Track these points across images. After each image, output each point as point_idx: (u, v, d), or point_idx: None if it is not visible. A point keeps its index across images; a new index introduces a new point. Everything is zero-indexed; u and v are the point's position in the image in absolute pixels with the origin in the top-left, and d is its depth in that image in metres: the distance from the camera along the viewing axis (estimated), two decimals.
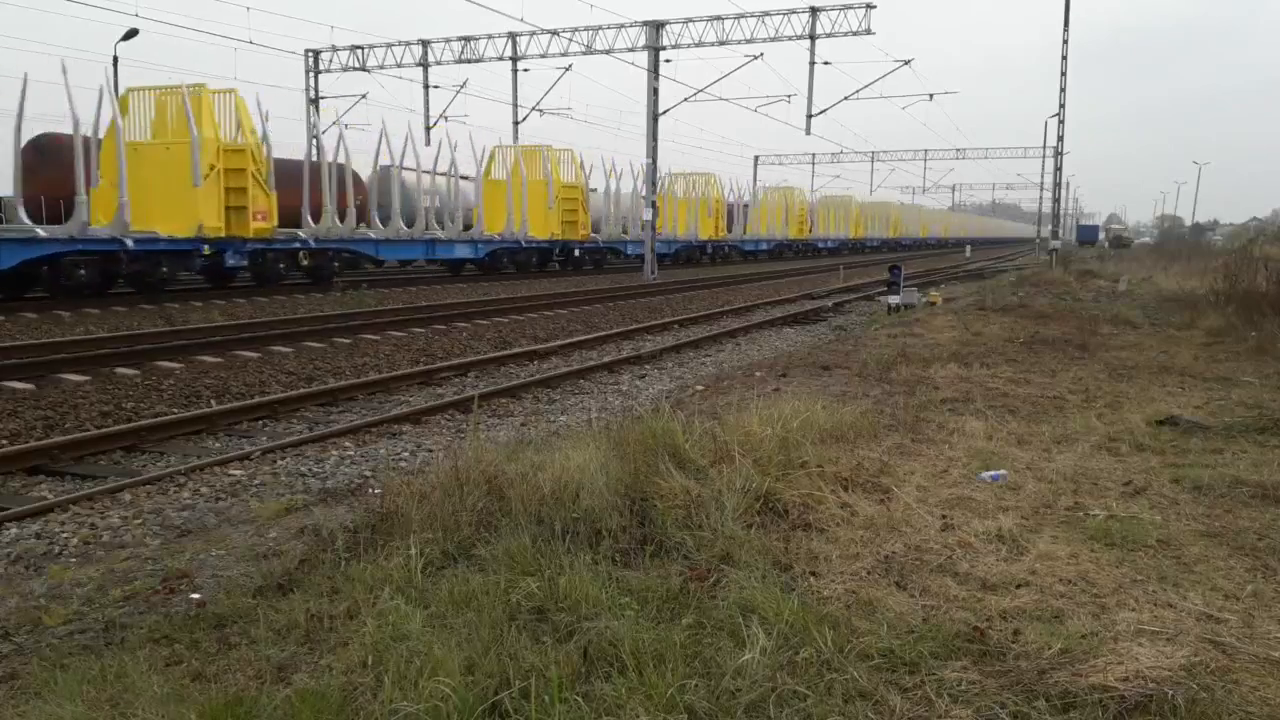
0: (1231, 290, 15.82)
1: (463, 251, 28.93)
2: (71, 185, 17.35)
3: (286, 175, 21.76)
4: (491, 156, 32.05)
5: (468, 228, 28.77)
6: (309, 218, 22.64)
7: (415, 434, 8.29)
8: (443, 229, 27.43)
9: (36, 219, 17.84)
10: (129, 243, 18.11)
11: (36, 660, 3.41)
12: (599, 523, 4.22)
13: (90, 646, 3.51)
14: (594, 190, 36.35)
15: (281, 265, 23.26)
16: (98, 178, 18.24)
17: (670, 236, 39.77)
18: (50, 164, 18.79)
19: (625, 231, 37.10)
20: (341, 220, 23.44)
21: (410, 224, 26.23)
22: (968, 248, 60.24)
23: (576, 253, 35.13)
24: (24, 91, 17.05)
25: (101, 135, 18.61)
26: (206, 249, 19.84)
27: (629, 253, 37.34)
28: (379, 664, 3.04)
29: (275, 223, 21.24)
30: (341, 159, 24.07)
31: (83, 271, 18.36)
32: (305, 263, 23.99)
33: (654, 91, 31.14)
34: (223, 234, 20.07)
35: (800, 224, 55.88)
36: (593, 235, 35.27)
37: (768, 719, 2.77)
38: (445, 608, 3.51)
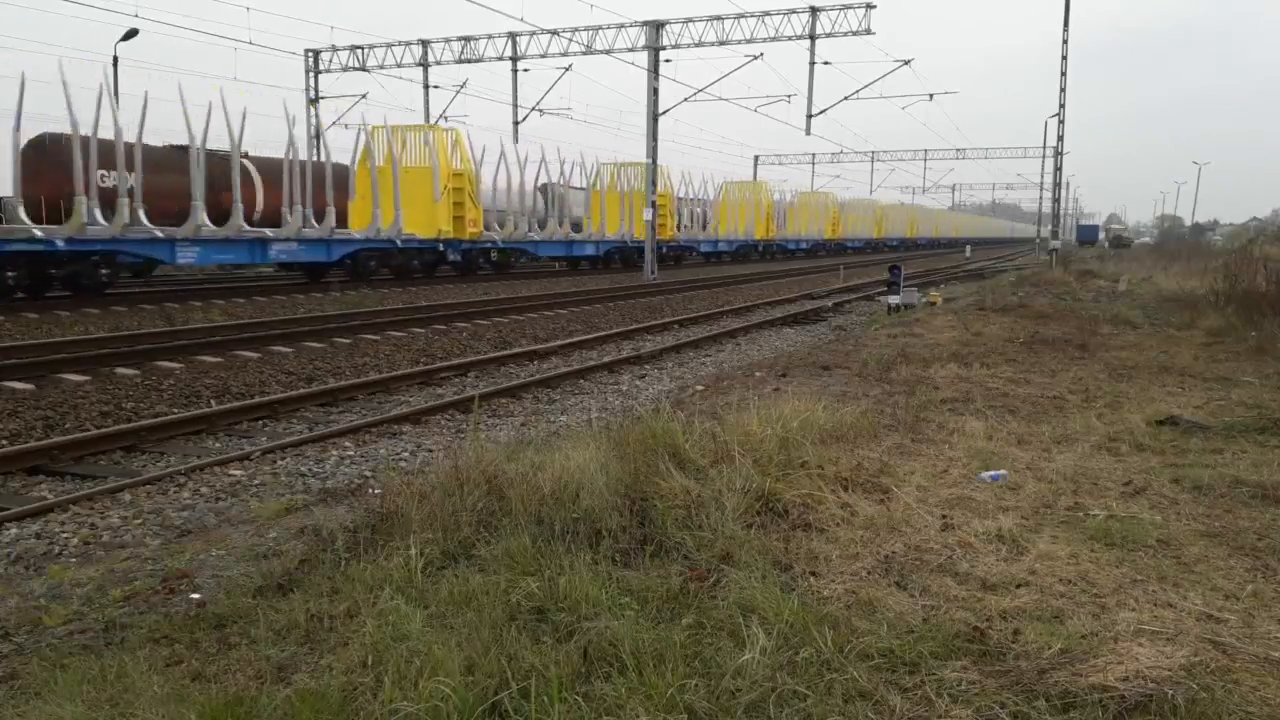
0: (1231, 290, 15.82)
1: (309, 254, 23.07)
2: (71, 186, 17.40)
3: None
4: (372, 136, 26.83)
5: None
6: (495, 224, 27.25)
7: (415, 434, 8.29)
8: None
9: (36, 219, 17.84)
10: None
11: (36, 660, 3.41)
12: (599, 523, 4.22)
13: (90, 646, 3.51)
14: (579, 189, 33.56)
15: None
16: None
17: (598, 236, 34.76)
18: (51, 165, 18.80)
19: (534, 230, 31.48)
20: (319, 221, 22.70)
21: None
22: (968, 248, 60.15)
23: (450, 256, 28.78)
24: (22, 91, 17.03)
25: (99, 135, 18.64)
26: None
27: (541, 254, 32.78)
28: (379, 664, 3.04)
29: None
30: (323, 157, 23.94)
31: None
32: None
33: (654, 91, 31.14)
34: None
35: (767, 224, 50.46)
36: (486, 232, 29.30)
37: (768, 719, 2.77)
38: (445, 608, 3.51)
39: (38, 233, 16.88)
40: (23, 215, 17.00)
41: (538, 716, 2.73)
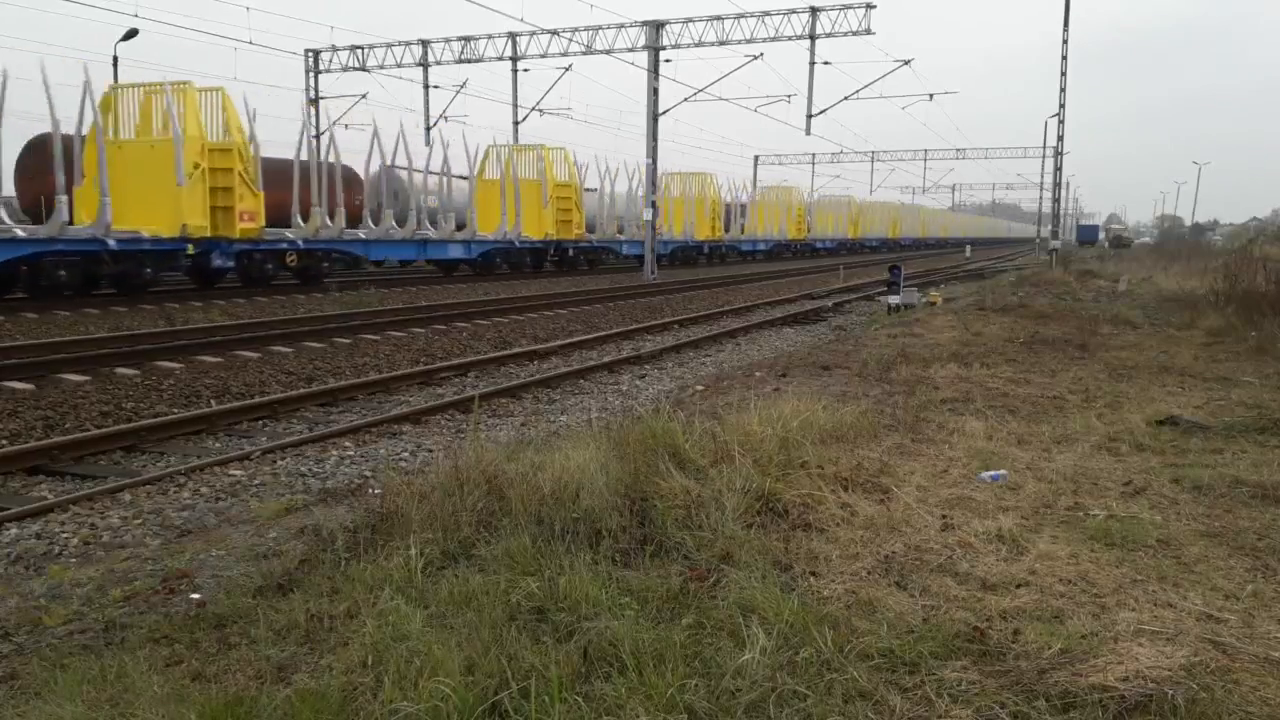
0: (1231, 290, 15.82)
1: (456, 252, 28.41)
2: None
3: (279, 175, 21.51)
4: (485, 155, 31.55)
5: (461, 227, 28.38)
6: (298, 218, 22.25)
7: (415, 434, 8.29)
8: (435, 229, 26.99)
9: (37, 219, 17.81)
10: (110, 242, 17.74)
11: (36, 660, 3.41)
12: (599, 523, 4.22)
13: (90, 646, 3.51)
14: (590, 190, 35.87)
15: (269, 266, 22.57)
16: (81, 177, 17.90)
17: (667, 237, 39.26)
18: (46, 165, 18.80)
19: (621, 231, 36.76)
20: (332, 220, 22.83)
21: (402, 224, 25.86)
22: (968, 248, 60.15)
23: (570, 252, 34.43)
24: (3, 88, 16.85)
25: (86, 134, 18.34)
26: (190, 249, 19.44)
27: (624, 252, 36.88)
28: (379, 664, 3.04)
29: (263, 223, 20.67)
30: (331, 158, 23.54)
31: (62, 272, 17.89)
32: (293, 263, 23.36)
33: (654, 91, 31.14)
34: (208, 234, 19.63)
35: (799, 224, 55.13)
36: (587, 235, 34.60)
37: (768, 719, 2.77)
38: (445, 608, 3.51)
39: (19, 233, 16.69)
40: (2, 214, 16.83)
41: (538, 716, 2.73)
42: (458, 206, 28.59)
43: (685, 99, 32.34)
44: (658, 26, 31.05)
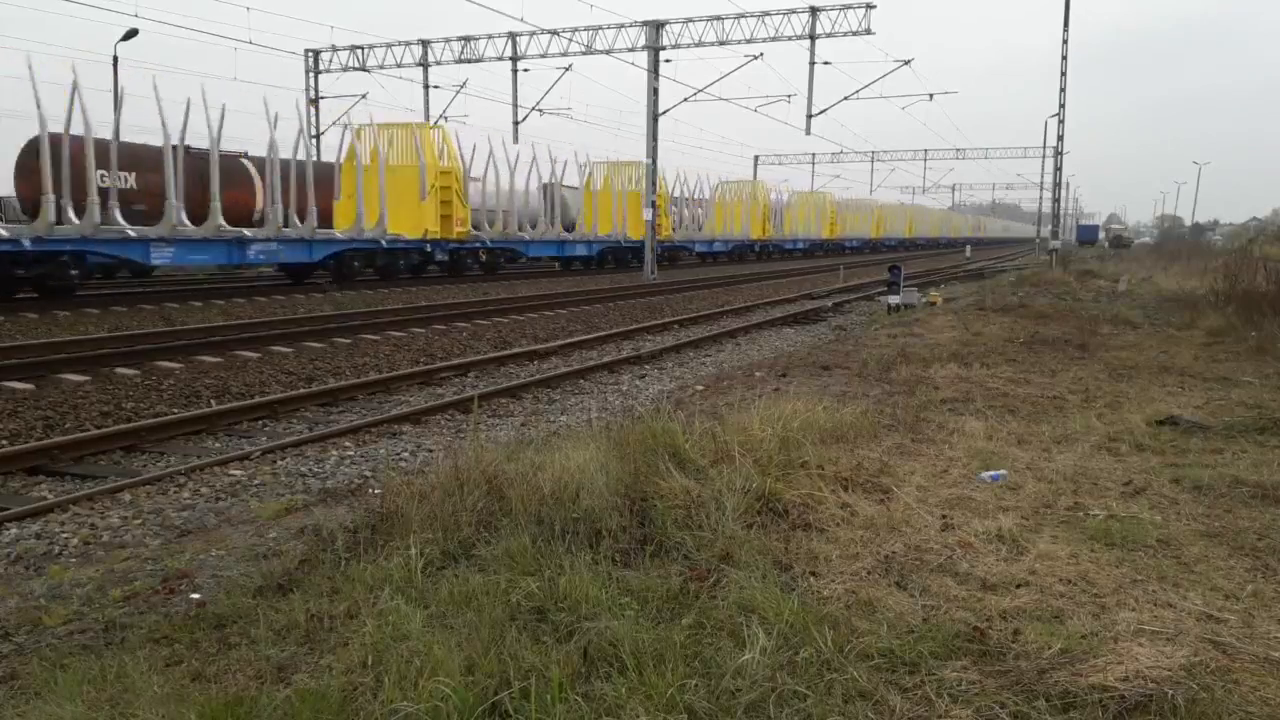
0: (1231, 290, 15.82)
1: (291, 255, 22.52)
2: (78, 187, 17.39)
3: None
4: (357, 136, 26.71)
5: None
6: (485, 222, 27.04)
7: (415, 434, 8.29)
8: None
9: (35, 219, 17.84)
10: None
11: (36, 660, 3.41)
12: (599, 523, 4.22)
13: (90, 646, 3.51)
14: (476, 180, 29.63)
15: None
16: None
17: (590, 235, 34.40)
18: (51, 165, 18.79)
19: (522, 228, 31.01)
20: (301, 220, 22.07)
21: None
22: (968, 248, 60.12)
23: (438, 256, 28.05)
24: None
25: (73, 132, 18.46)
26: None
27: (530, 254, 32.18)
28: (379, 664, 3.04)
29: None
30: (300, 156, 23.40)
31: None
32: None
33: (654, 91, 31.14)
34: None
35: (765, 224, 50.29)
36: (474, 232, 28.60)
37: (768, 719, 2.77)
38: (445, 608, 3.51)
39: (2, 232, 16.64)
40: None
41: (538, 716, 2.73)
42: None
43: (685, 99, 32.36)
44: (658, 26, 31.04)
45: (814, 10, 29.17)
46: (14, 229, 16.97)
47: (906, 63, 32.65)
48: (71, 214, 17.54)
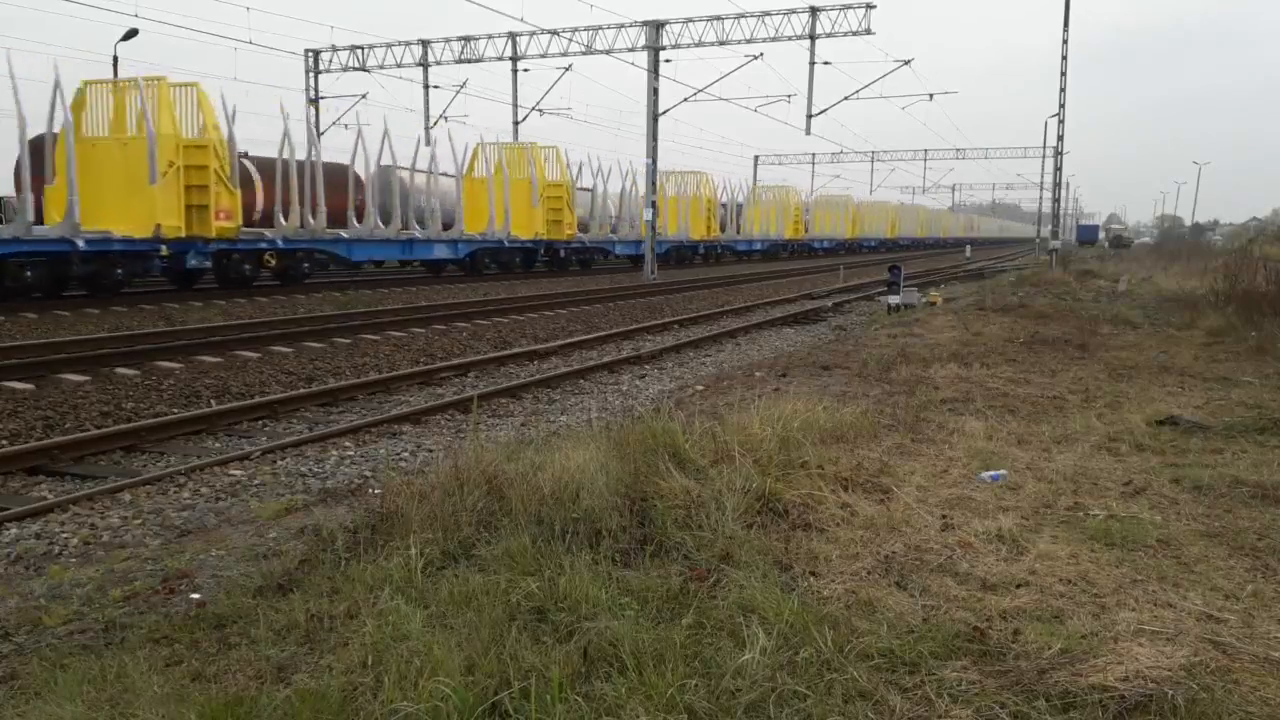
0: (1231, 290, 15.82)
1: (442, 251, 27.74)
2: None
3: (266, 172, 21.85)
4: (475, 154, 30.77)
5: (448, 227, 27.57)
6: (280, 217, 22.09)
7: (415, 434, 8.29)
8: (423, 228, 26.29)
9: (36, 219, 17.81)
10: (80, 243, 17.38)
11: (36, 660, 3.41)
12: (599, 523, 4.22)
13: (90, 646, 3.51)
14: (583, 189, 35.42)
15: (247, 266, 22.01)
16: (53, 175, 17.82)
17: (660, 236, 38.38)
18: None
19: (613, 231, 36.37)
20: (314, 219, 22.56)
21: (388, 223, 25.25)
22: (968, 248, 60.12)
23: (562, 253, 33.92)
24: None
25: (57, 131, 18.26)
26: (164, 250, 19.00)
27: (617, 252, 36.56)
28: (379, 664, 3.04)
29: (239, 222, 20.41)
30: (313, 156, 23.37)
31: (29, 273, 17.34)
32: (272, 263, 23.03)
33: (654, 91, 31.14)
34: (183, 234, 19.23)
35: (796, 224, 55.10)
36: (579, 235, 33.96)
37: (768, 719, 2.77)
38: (445, 608, 3.51)
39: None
40: None
41: (538, 716, 2.73)
42: (446, 206, 27.72)
43: (685, 99, 32.37)
44: (658, 26, 31.04)
45: (814, 10, 29.16)
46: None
47: (906, 63, 32.68)
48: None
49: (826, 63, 30.57)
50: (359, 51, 35.67)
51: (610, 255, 37.26)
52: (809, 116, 31.84)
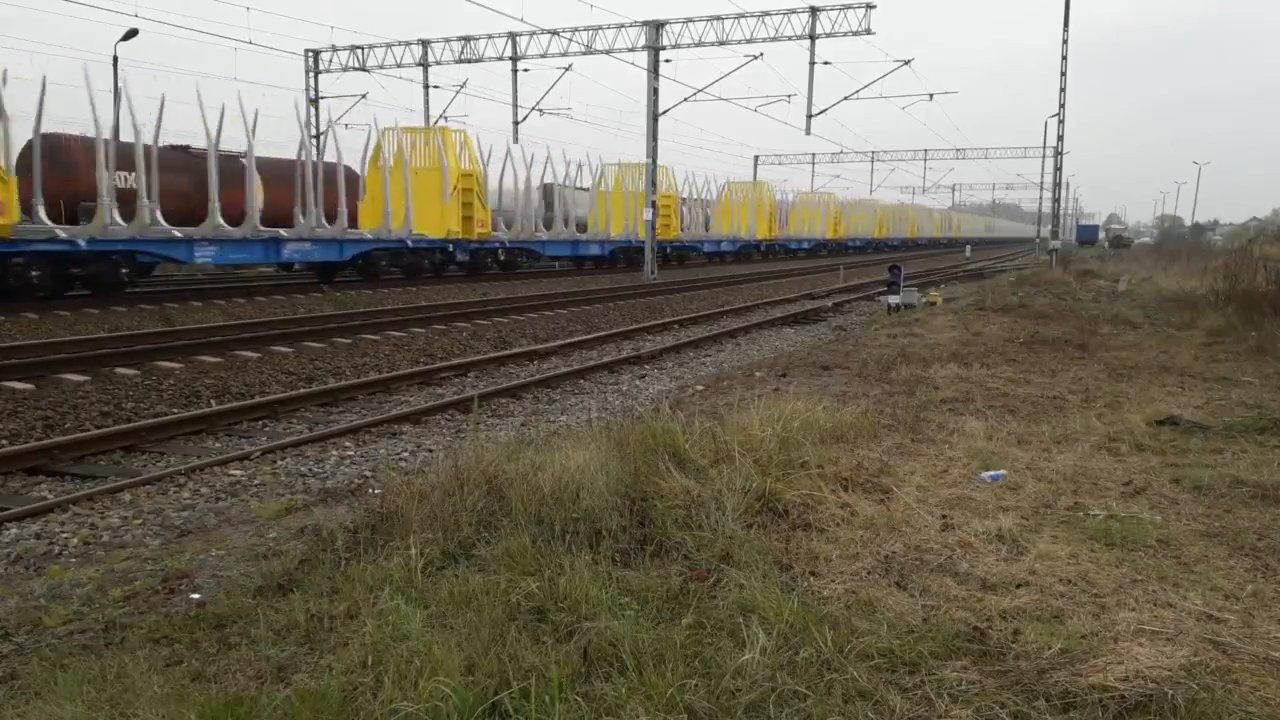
0: (1231, 290, 15.82)
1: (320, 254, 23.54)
2: (74, 184, 17.43)
3: (281, 174, 21.97)
4: (380, 140, 26.84)
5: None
6: (299, 216, 22.32)
7: (415, 434, 8.29)
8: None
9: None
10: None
11: (36, 660, 3.41)
12: (599, 523, 4.22)
13: (90, 646, 3.51)
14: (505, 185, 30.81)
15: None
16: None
17: (601, 236, 35.19)
18: (55, 165, 18.81)
19: (546, 228, 32.40)
20: (330, 221, 22.84)
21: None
22: (968, 248, 60.07)
23: (459, 255, 28.78)
24: (43, 93, 17.09)
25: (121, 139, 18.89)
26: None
27: (546, 254, 32.99)
28: (379, 664, 3.04)
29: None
30: (331, 158, 23.96)
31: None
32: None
33: (654, 91, 31.13)
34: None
35: (771, 223, 51.07)
36: (494, 233, 29.38)
37: (768, 719, 2.77)
38: (445, 608, 3.51)
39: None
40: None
41: (538, 716, 2.73)
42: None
43: (685, 99, 32.34)
44: (658, 26, 31.03)
45: (814, 10, 29.15)
46: None
47: (906, 63, 32.66)
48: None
49: (826, 63, 30.57)
50: (359, 51, 35.66)
51: (537, 257, 33.45)
52: (809, 116, 31.83)
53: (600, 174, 36.54)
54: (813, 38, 29.38)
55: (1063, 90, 32.24)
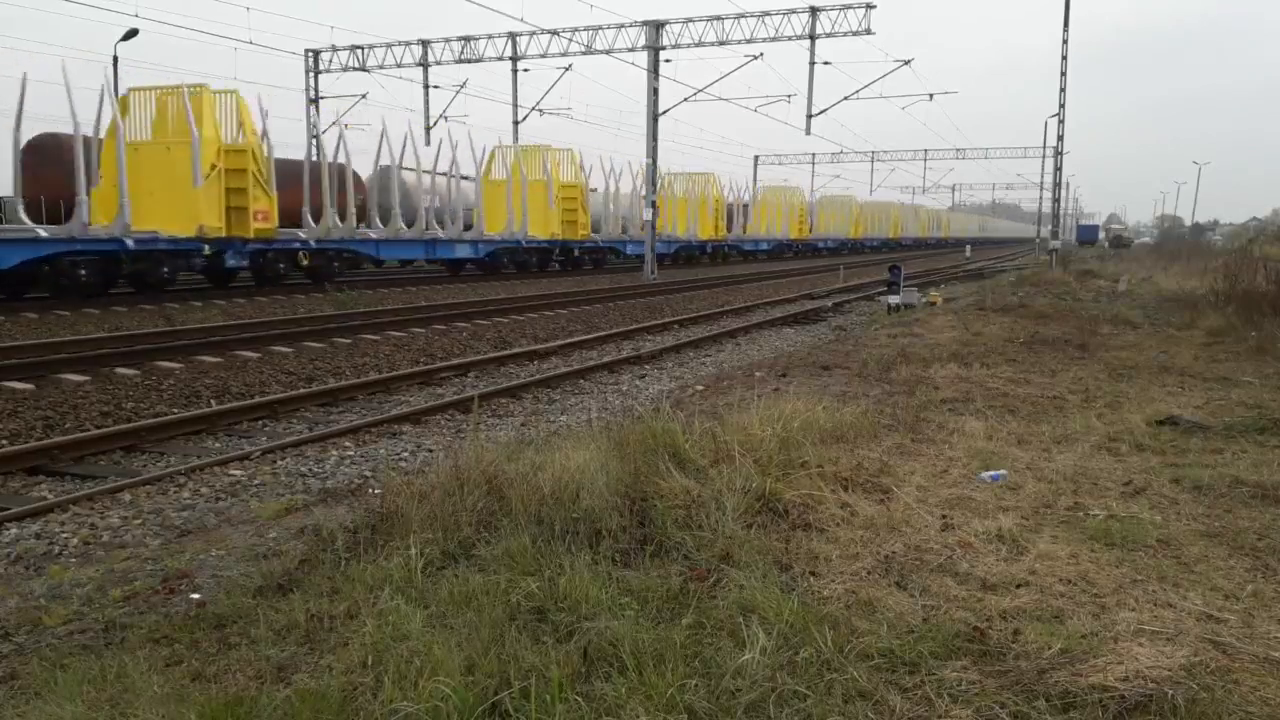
0: (1231, 290, 15.82)
1: (463, 251, 28.84)
2: (71, 185, 17.35)
3: (287, 175, 21.82)
4: (491, 156, 31.88)
5: (468, 227, 28.52)
6: (309, 218, 22.57)
7: (415, 434, 8.29)
8: (443, 229, 27.22)
9: (36, 219, 17.84)
10: (129, 243, 18.06)
11: (36, 660, 3.41)
12: (599, 523, 4.22)
13: (90, 646, 3.51)
14: (594, 190, 36.11)
15: (281, 265, 22.85)
16: (98, 178, 18.21)
17: (669, 236, 39.50)
18: (49, 164, 18.79)
19: (625, 231, 36.95)
20: (342, 220, 23.33)
21: (410, 224, 26.06)
22: (968, 248, 60.07)
23: (576, 253, 34.92)
24: (23, 91, 17.02)
25: (103, 135, 18.63)
26: (207, 249, 19.81)
27: (629, 252, 37.12)
28: (379, 664, 3.04)
29: (276, 223, 21.12)
30: (341, 159, 24.04)
31: (83, 272, 18.10)
32: (305, 263, 23.62)
33: (654, 91, 31.13)
34: (223, 234, 20.05)
35: (800, 224, 55.35)
36: (592, 235, 35.00)
37: (768, 719, 2.77)
38: (445, 608, 3.51)
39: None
40: (22, 214, 16.95)
41: (538, 716, 2.73)
42: (464, 206, 28.64)
43: (685, 99, 32.34)
44: (658, 26, 31.03)
45: (814, 10, 29.15)
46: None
47: (906, 63, 32.66)
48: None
49: (826, 63, 30.58)
50: (359, 51, 35.67)
51: (621, 255, 37.74)
52: (809, 116, 31.84)
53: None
54: (813, 38, 29.39)
55: (1063, 90, 32.25)
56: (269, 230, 21.03)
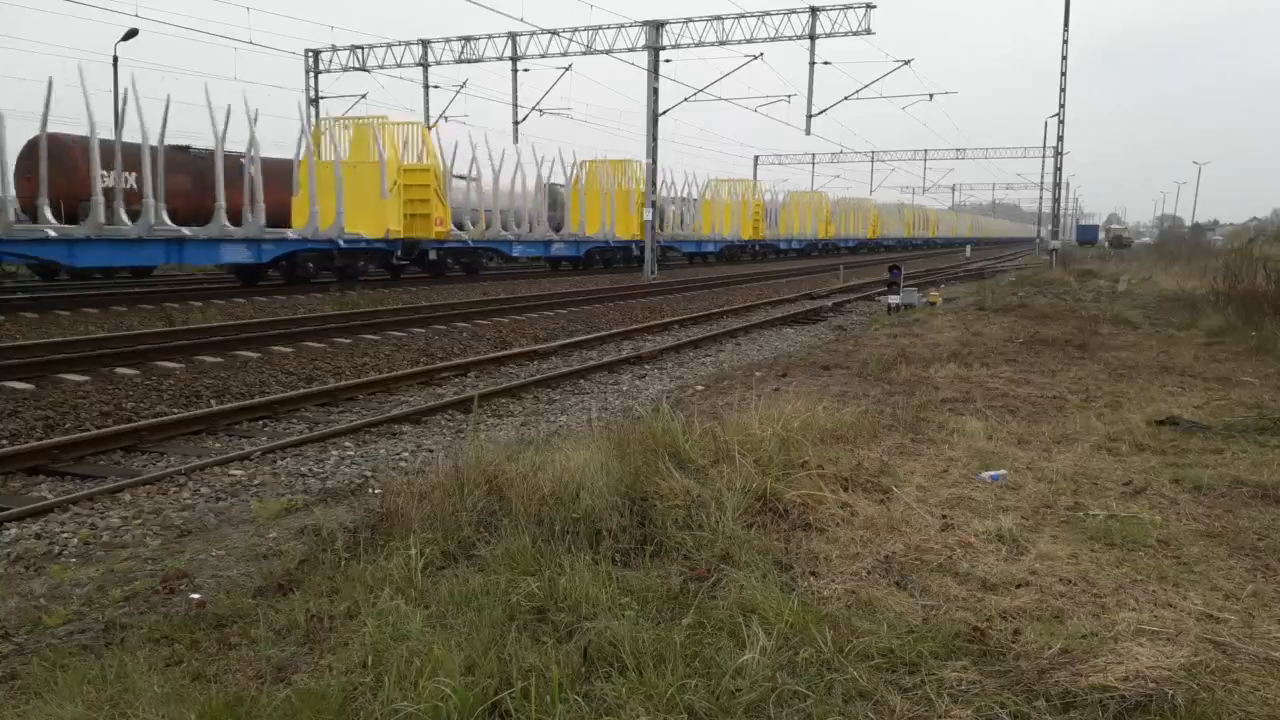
0: (1231, 290, 15.82)
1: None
2: (78, 186, 17.41)
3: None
4: (316, 130, 26.09)
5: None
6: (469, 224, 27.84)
7: (415, 434, 8.29)
8: (506, 230, 30.05)
9: (33, 219, 17.85)
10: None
11: (36, 660, 3.41)
12: (599, 523, 4.22)
13: (90, 646, 3.51)
14: (462, 178, 29.17)
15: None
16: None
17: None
18: (51, 165, 18.81)
19: (516, 227, 30.77)
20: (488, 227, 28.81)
21: (506, 226, 29.81)
22: (968, 248, 60.04)
23: (432, 255, 27.71)
24: (49, 94, 17.17)
25: (112, 136, 18.83)
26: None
27: (514, 253, 31.23)
28: (379, 664, 3.04)
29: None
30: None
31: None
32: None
33: (654, 91, 31.12)
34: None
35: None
36: (454, 231, 27.63)
37: (768, 719, 2.77)
38: (445, 608, 3.51)
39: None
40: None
41: (538, 716, 2.73)
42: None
43: (685, 99, 32.32)
44: (658, 26, 31.02)
45: (814, 10, 29.14)
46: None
47: (906, 63, 32.64)
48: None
49: (826, 63, 30.56)
50: (359, 51, 35.64)
51: (506, 257, 31.85)
52: (809, 116, 31.82)
53: (575, 170, 34.98)
54: (813, 38, 29.37)
55: (1063, 90, 32.26)
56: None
